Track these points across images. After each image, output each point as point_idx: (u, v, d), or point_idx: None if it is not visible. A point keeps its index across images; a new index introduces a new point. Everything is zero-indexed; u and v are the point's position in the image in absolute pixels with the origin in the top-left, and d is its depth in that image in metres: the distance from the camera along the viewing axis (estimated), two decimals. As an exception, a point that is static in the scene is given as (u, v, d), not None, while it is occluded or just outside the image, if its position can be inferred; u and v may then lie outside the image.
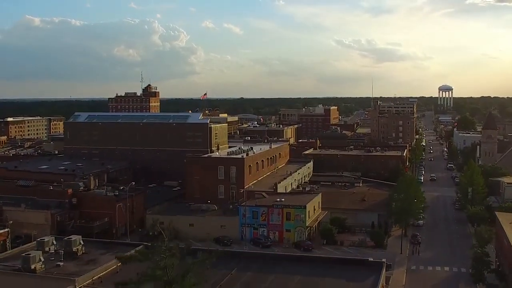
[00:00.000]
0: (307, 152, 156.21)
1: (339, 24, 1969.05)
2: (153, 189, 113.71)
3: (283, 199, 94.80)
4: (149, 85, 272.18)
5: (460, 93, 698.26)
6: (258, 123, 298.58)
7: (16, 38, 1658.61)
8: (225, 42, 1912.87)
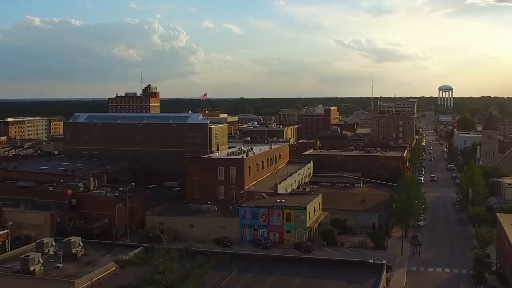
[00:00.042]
0: (307, 152, 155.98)
1: (339, 24, 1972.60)
2: (153, 189, 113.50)
3: (283, 200, 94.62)
4: (149, 85, 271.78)
5: (460, 93, 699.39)
6: (258, 123, 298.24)
7: (16, 38, 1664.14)
8: (225, 42, 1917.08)
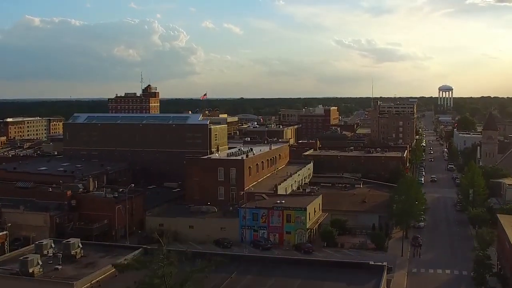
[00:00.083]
0: (307, 153, 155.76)
1: (339, 24, 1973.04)
2: (152, 190, 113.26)
3: (283, 201, 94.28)
4: (149, 85, 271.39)
5: (460, 93, 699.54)
6: (258, 123, 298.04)
7: (16, 38, 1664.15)
8: (225, 42, 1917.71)
